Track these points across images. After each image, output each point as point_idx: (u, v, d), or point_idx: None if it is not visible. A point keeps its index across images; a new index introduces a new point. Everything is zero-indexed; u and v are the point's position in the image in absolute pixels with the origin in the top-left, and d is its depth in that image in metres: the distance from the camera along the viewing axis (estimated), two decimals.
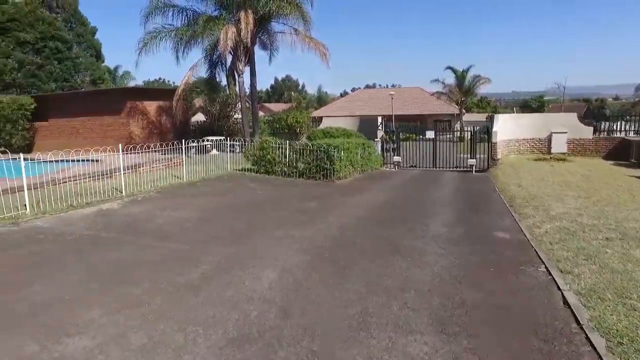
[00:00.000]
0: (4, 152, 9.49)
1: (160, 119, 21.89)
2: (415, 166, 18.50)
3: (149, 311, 4.07)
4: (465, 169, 17.24)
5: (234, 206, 9.07)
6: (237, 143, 18.52)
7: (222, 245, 6.20)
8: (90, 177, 11.92)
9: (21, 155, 8.05)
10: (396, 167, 18.12)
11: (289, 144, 13.32)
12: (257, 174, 13.47)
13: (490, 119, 22.84)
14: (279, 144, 13.33)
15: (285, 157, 13.24)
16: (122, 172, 10.38)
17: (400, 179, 14.48)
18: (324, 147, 12.66)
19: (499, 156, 17.39)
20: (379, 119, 21.67)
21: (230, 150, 15.06)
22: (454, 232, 7.04)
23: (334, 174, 12.64)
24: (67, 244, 6.36)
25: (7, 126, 21.55)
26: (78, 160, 16.88)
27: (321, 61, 19.47)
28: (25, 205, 8.23)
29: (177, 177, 12.55)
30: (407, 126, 30.32)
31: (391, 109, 36.91)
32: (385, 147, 19.76)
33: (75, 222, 7.62)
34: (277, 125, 24.92)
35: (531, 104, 68.44)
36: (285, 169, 13.19)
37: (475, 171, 16.51)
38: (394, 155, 18.76)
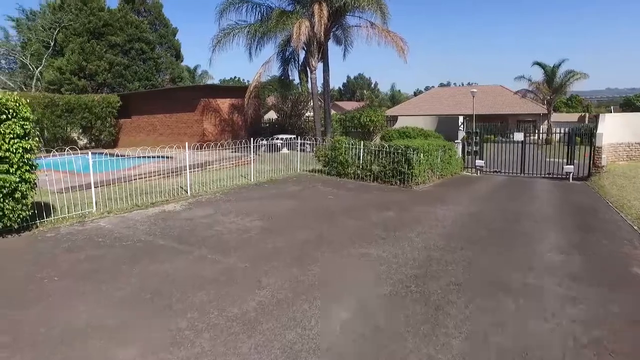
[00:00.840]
0: (72, 149, 9.41)
1: (233, 117, 21.86)
2: (499, 171, 16.54)
3: (190, 356, 3.24)
4: (560, 176, 15.01)
5: (302, 213, 8.19)
6: (308, 142, 17.82)
7: (286, 264, 5.30)
8: (159, 174, 11.76)
9: (89, 153, 7.78)
10: (478, 171, 16.30)
11: (364, 144, 12.25)
12: (328, 175, 12.57)
13: (595, 119, 19.96)
14: (352, 145, 12.31)
15: (359, 158, 12.19)
16: (188, 171, 9.95)
17: (486, 186, 12.79)
18: (401, 149, 11.43)
19: (603, 163, 14.89)
20: (460, 119, 19.83)
21: (300, 149, 14.36)
22: (571, 262, 5.54)
23: (412, 179, 11.36)
24: (123, 250, 5.85)
25: (97, 123, 22.80)
26: (152, 157, 17.19)
27: (398, 56, 18.11)
28: (92, 203, 8.00)
29: (245, 177, 12.02)
30: (489, 127, 27.89)
31: (471, 107, 34.34)
32: (467, 149, 17.96)
33: (136, 224, 7.19)
34: (350, 124, 23.96)
35: (635, 102, 60.39)
36: (359, 171, 12.15)
37: (573, 179, 14.28)
38: (477, 159, 16.93)
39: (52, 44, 26.62)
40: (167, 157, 16.42)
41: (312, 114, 25.59)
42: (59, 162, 10.08)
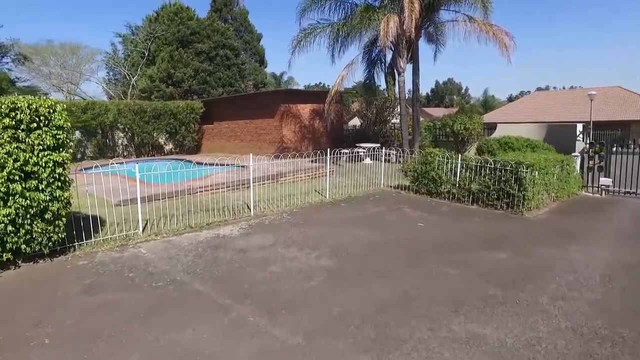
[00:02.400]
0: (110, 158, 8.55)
1: (313, 123, 20.65)
2: (634, 193, 13.13)
3: None
4: None
5: (384, 249, 6.37)
6: (394, 152, 15.90)
7: (356, 347, 3.55)
8: (227, 187, 10.69)
9: (136, 165, 6.75)
10: (603, 192, 13.06)
11: (462, 158, 10.08)
12: (416, 194, 10.58)
13: None
14: (447, 158, 10.20)
15: (455, 175, 10.04)
16: (252, 185, 8.64)
17: (626, 214, 9.83)
18: (511, 166, 9.09)
19: None
20: (579, 127, 16.52)
21: (385, 160, 12.54)
22: None
23: (523, 203, 8.97)
24: (148, 296, 4.55)
25: (181, 129, 23.07)
26: (227, 165, 16.47)
27: (501, 54, 15.49)
28: (138, 224, 6.98)
29: (320, 193, 10.50)
30: (610, 136, 23.57)
31: (582, 113, 29.72)
32: (587, 164, 14.69)
33: (179, 254, 5.94)
34: (440, 133, 21.56)
35: None
36: (454, 190, 10.00)
37: None
38: (601, 176, 13.64)
39: (146, 54, 27.83)
40: (241, 167, 15.65)
41: (398, 120, 23.57)
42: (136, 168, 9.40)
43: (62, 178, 5.54)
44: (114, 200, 9.12)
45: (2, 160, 5.03)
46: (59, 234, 5.64)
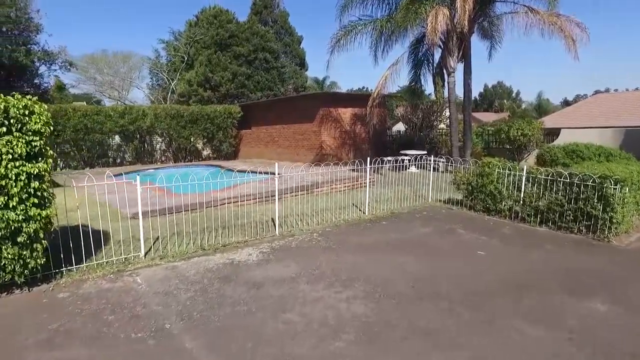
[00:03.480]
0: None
1: (355, 128, 19.34)
2: None
3: None
4: None
5: (434, 290, 4.93)
6: (442, 160, 14.30)
7: None
8: (255, 198, 9.61)
9: (138, 177, 5.74)
10: None
11: (527, 171, 8.43)
12: (471, 211, 9.02)
13: None
14: (509, 169, 8.59)
15: (519, 189, 8.41)
16: (277, 199, 7.44)
17: None
18: (594, 180, 7.37)
19: None
20: None
21: (432, 168, 11.02)
22: None
23: (610, 227, 7.22)
24: (116, 356, 3.45)
25: (219, 133, 22.52)
26: (260, 173, 15.49)
27: (567, 50, 13.53)
28: (140, 245, 5.94)
29: (358, 208, 9.18)
30: None
31: None
32: None
33: (179, 287, 4.82)
34: (493, 139, 19.63)
35: None
36: (517, 208, 8.36)
37: None
38: None
39: (185, 58, 27.66)
40: (275, 174, 14.63)
41: (445, 125, 21.87)
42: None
43: (40, 193, 4.57)
44: (129, 211, 8.25)
45: None
46: (37, 260, 4.67)
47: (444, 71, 15.32)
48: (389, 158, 16.78)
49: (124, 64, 41.24)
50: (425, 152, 17.20)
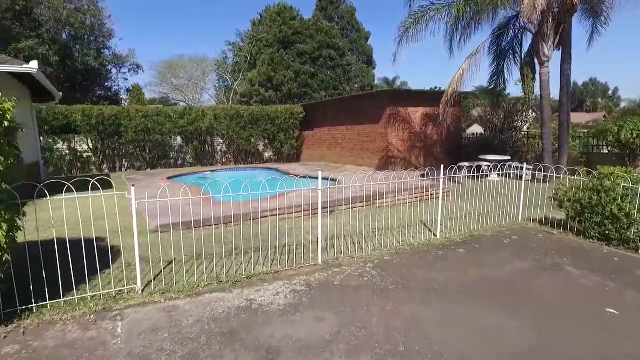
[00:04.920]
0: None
1: (425, 130, 17.28)
2: None
3: None
4: None
5: None
6: (529, 167, 11.91)
7: None
8: (303, 211, 8.15)
9: (132, 188, 4.48)
10: None
11: None
12: (579, 237, 6.81)
13: None
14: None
15: None
16: (320, 219, 5.83)
17: None
18: None
19: None
20: None
21: (517, 177, 8.79)
22: None
23: None
24: None
25: (280, 135, 21.60)
26: (316, 179, 14.06)
27: None
28: (137, 276, 4.66)
29: (428, 228, 7.35)
30: None
31: None
32: None
33: (164, 345, 3.41)
34: (595, 143, 16.55)
35: None
36: None
37: None
38: None
39: (248, 58, 27.16)
40: (333, 180, 13.14)
41: (528, 127, 19.04)
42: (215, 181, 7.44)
43: None
44: (150, 223, 7.18)
45: None
46: None
47: (535, 61, 12.84)
48: (466, 164, 14.60)
49: (197, 67, 42.28)
50: (509, 158, 14.74)
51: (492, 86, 15.57)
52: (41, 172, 14.68)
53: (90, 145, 18.27)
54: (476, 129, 28.97)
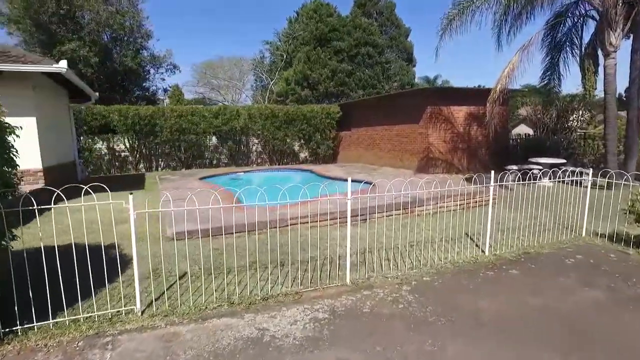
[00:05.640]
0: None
1: (469, 130, 16.14)
2: None
3: None
4: None
5: None
6: (587, 172, 10.61)
7: None
8: (333, 219, 7.44)
9: (130, 196, 3.92)
10: None
11: None
12: None
13: None
14: None
15: None
16: (349, 227, 5.09)
17: None
18: None
19: None
20: None
21: (574, 183, 7.66)
22: None
23: None
24: None
25: (316, 135, 21.03)
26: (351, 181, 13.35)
27: None
28: (136, 295, 4.09)
29: (475, 242, 6.45)
30: None
31: None
32: None
33: None
34: None
35: None
36: None
37: None
38: None
39: (284, 56, 26.75)
40: (370, 184, 12.37)
41: (590, 127, 17.46)
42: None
43: None
44: (168, 230, 6.71)
45: None
46: None
47: (599, 52, 11.51)
48: (514, 167, 13.42)
49: (236, 68, 42.54)
50: (564, 161, 13.39)
51: (545, 82, 14.24)
52: (77, 172, 14.78)
53: (127, 144, 18.40)
54: (522, 130, 27.18)
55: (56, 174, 11.30)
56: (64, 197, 4.04)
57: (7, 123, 4.19)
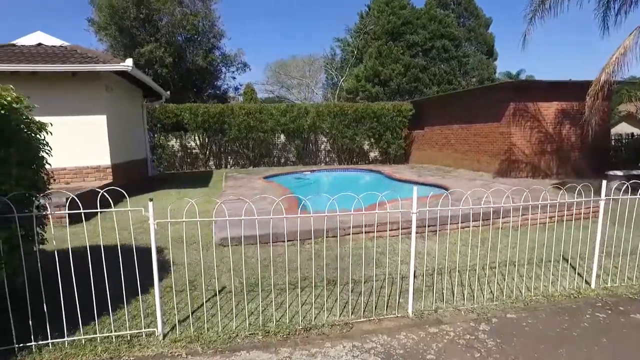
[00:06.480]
0: None
1: (560, 129, 14.25)
2: None
3: None
4: None
5: None
6: None
7: None
8: (401, 228, 6.51)
9: (151, 204, 3.36)
10: None
11: None
12: None
13: None
14: None
15: None
16: (413, 246, 4.15)
17: None
18: None
19: None
20: None
21: None
22: None
23: None
24: None
25: (386, 134, 20.09)
26: (423, 185, 12.34)
27: None
28: (157, 318, 3.54)
29: (574, 268, 5.19)
30: None
31: None
32: None
33: None
34: None
35: None
36: None
37: None
38: None
39: (355, 52, 25.91)
40: (442, 189, 11.27)
41: None
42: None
43: None
44: (217, 235, 6.25)
45: None
46: None
47: None
48: (618, 172, 11.50)
49: (308, 67, 42.58)
50: None
51: None
52: (148, 168, 15.20)
53: (198, 142, 18.79)
54: (623, 128, 23.90)
55: (126, 170, 11.54)
56: (109, 200, 3.58)
57: (34, 120, 3.88)
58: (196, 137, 18.68)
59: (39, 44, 10.74)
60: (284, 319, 3.80)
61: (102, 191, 3.41)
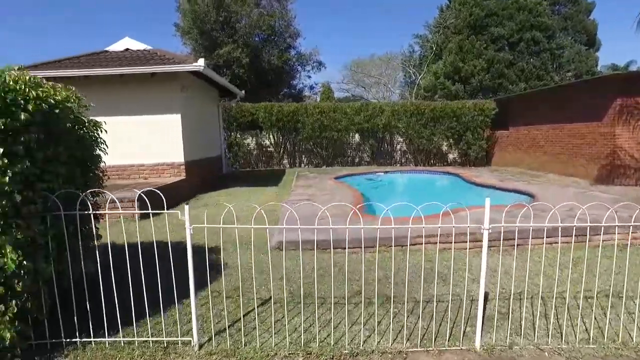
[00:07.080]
0: None
1: None
2: None
3: None
4: None
5: None
6: None
7: None
8: (476, 240, 5.79)
9: (186, 207, 3.14)
10: None
11: None
12: None
13: None
14: None
15: None
16: (483, 264, 3.48)
17: None
18: None
19: None
20: None
21: None
22: None
23: None
24: None
25: (466, 134, 18.86)
26: (504, 191, 11.32)
27: None
28: (192, 328, 3.33)
29: None
30: None
31: None
32: None
33: None
34: None
35: None
36: None
37: None
38: None
39: (434, 48, 24.66)
40: (529, 196, 10.19)
41: None
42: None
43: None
44: (273, 239, 6.02)
45: None
46: (8, 332, 2.76)
47: None
48: None
49: (387, 65, 41.79)
50: None
51: None
52: (223, 165, 15.67)
53: (272, 140, 19.09)
54: None
55: (200, 168, 11.92)
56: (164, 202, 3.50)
57: (88, 118, 3.89)
58: (271, 136, 19.00)
59: (127, 49, 11.45)
60: (329, 339, 3.40)
61: (152, 192, 3.28)
